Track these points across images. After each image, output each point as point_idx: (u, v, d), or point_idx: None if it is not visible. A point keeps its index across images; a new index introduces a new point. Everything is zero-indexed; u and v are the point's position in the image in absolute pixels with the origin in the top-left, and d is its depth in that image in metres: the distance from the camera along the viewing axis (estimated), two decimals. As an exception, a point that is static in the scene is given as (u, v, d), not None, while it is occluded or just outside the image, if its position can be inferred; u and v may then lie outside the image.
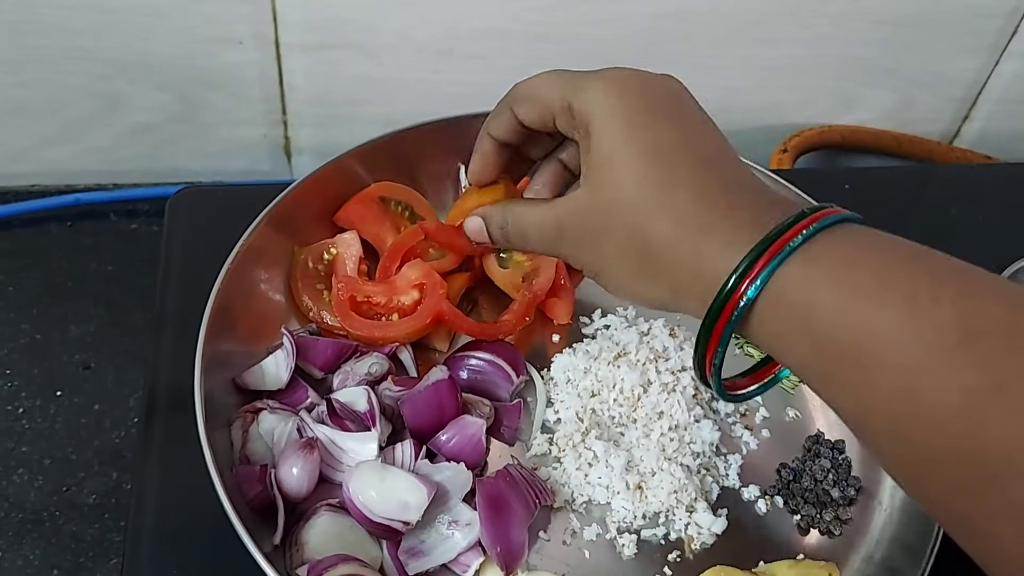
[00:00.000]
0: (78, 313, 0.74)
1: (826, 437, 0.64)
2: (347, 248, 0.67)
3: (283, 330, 0.60)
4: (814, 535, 0.60)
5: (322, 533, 0.53)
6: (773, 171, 0.74)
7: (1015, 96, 0.94)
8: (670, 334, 0.66)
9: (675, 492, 0.58)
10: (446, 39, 0.78)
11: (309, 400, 0.59)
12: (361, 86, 0.80)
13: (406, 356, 0.63)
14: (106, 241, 0.79)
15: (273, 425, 0.56)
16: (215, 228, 0.63)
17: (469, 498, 0.55)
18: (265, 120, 0.81)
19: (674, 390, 0.62)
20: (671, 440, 0.60)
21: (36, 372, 0.71)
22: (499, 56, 0.80)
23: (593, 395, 0.63)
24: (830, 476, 0.61)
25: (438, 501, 0.54)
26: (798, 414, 0.66)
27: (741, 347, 0.69)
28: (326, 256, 0.67)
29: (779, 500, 0.61)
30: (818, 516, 0.60)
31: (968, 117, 0.96)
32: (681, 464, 0.60)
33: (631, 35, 0.80)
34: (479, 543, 0.54)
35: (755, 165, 0.68)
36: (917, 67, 0.90)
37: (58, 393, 0.70)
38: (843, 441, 0.64)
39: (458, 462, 0.56)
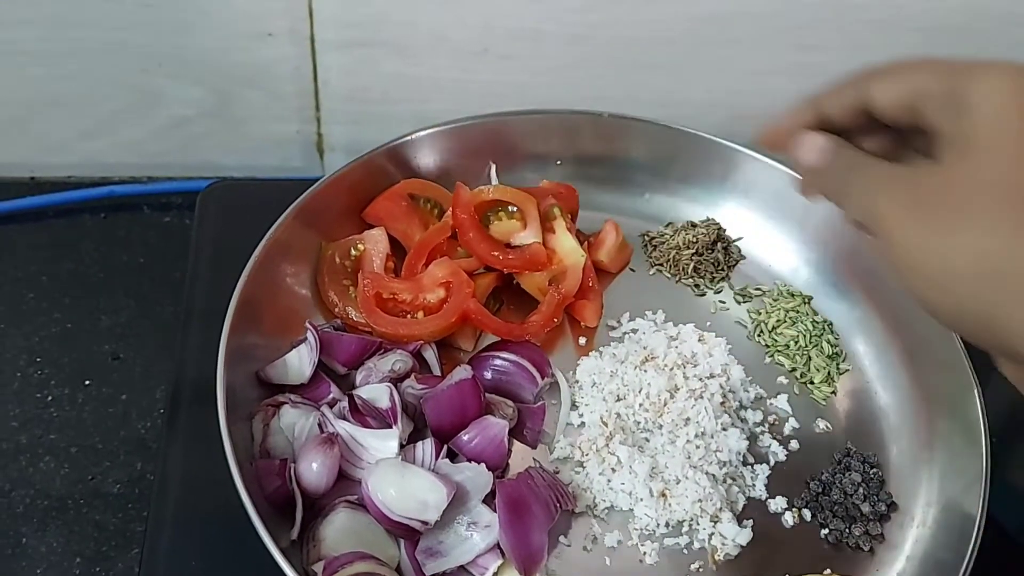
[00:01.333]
0: (109, 304, 0.75)
1: (857, 451, 0.62)
2: (375, 245, 0.67)
3: (307, 325, 0.59)
4: (843, 550, 0.58)
5: (339, 530, 0.52)
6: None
7: None
8: (699, 339, 0.65)
9: (700, 501, 0.57)
10: (481, 39, 0.77)
11: (331, 396, 0.58)
12: (395, 84, 0.80)
13: (430, 354, 0.63)
14: (138, 233, 0.80)
15: (294, 420, 0.56)
16: (245, 222, 0.63)
17: (489, 500, 0.54)
18: (298, 116, 0.81)
19: (701, 396, 0.61)
20: (697, 447, 0.59)
21: (66, 361, 0.71)
22: (533, 57, 0.79)
23: (619, 399, 0.62)
24: (860, 490, 0.60)
25: (458, 502, 0.54)
26: (829, 426, 0.64)
27: (772, 356, 0.68)
28: (353, 252, 0.67)
29: (807, 513, 0.60)
30: (847, 531, 0.58)
31: None
32: (707, 472, 0.59)
33: (667, 39, 0.79)
34: (497, 545, 0.53)
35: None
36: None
37: (87, 382, 0.70)
38: (875, 455, 0.62)
39: (479, 463, 0.56)
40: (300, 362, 0.59)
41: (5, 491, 0.64)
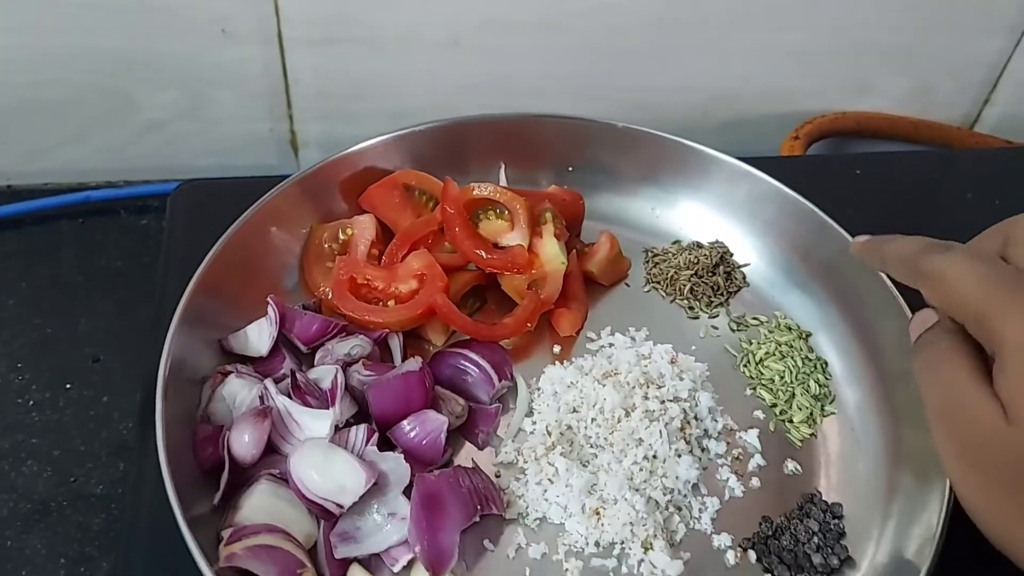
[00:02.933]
0: (88, 308, 0.75)
1: (822, 498, 0.59)
2: (362, 230, 0.67)
3: (269, 299, 0.60)
4: (784, 600, 0.55)
5: (258, 501, 0.53)
6: (783, 159, 0.70)
7: None
8: (670, 361, 0.63)
9: (631, 524, 0.55)
10: (451, 31, 0.77)
11: (282, 371, 0.59)
12: (366, 80, 0.80)
13: (395, 343, 0.63)
14: (115, 237, 0.80)
15: (237, 390, 0.57)
16: (215, 221, 0.63)
17: (410, 492, 0.54)
18: (271, 115, 0.82)
19: (658, 419, 0.59)
20: (641, 470, 0.57)
21: (46, 365, 0.71)
22: (505, 47, 0.78)
23: (573, 411, 0.60)
24: (815, 540, 0.56)
25: (378, 490, 0.54)
26: (799, 468, 0.61)
27: (754, 389, 0.65)
28: (341, 236, 0.68)
29: (752, 555, 0.56)
30: (791, 579, 0.55)
31: (988, 101, 0.92)
32: (648, 497, 0.56)
33: (643, 23, 0.77)
34: (412, 539, 0.53)
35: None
36: (934, 50, 0.86)
37: (67, 386, 0.70)
38: (840, 506, 0.58)
39: (415, 456, 0.55)
40: (259, 335, 0.60)
41: None
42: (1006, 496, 0.43)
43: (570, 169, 0.74)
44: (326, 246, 0.67)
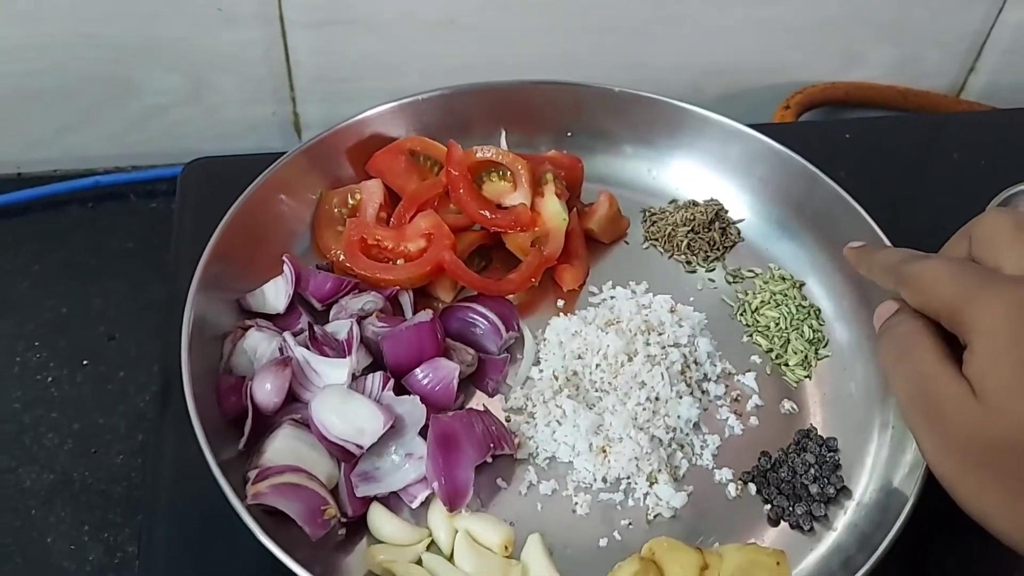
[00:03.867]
0: (101, 288, 0.77)
1: (817, 433, 0.61)
2: (370, 195, 0.70)
3: (284, 258, 0.63)
4: (783, 527, 0.58)
5: (281, 444, 0.55)
6: (775, 125, 0.73)
7: (1021, 46, 0.92)
8: (670, 310, 0.66)
9: (637, 459, 0.58)
10: (447, 10, 0.79)
11: (300, 326, 0.62)
12: (366, 60, 0.81)
13: (406, 300, 0.66)
14: (125, 221, 0.82)
15: (257, 342, 0.59)
16: (225, 196, 0.65)
17: (426, 434, 0.57)
18: (273, 98, 0.83)
19: (659, 363, 0.62)
20: (644, 410, 0.60)
21: (63, 344, 0.73)
22: (500, 25, 0.80)
23: (578, 357, 0.63)
24: (812, 471, 0.59)
25: (395, 432, 0.56)
26: (794, 407, 0.64)
27: (751, 336, 0.68)
28: (351, 200, 0.70)
29: (752, 487, 0.59)
30: (790, 508, 0.58)
31: (974, 69, 0.95)
32: (651, 435, 0.59)
33: (635, 1, 0.79)
34: (429, 477, 0.56)
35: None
36: (920, 20, 0.89)
37: (84, 363, 0.72)
38: (835, 439, 0.61)
39: (428, 402, 0.58)
40: (276, 293, 0.63)
41: (12, 468, 0.67)
42: (977, 469, 0.46)
43: (569, 134, 0.76)
44: (336, 211, 0.70)
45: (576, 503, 0.58)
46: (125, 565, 0.63)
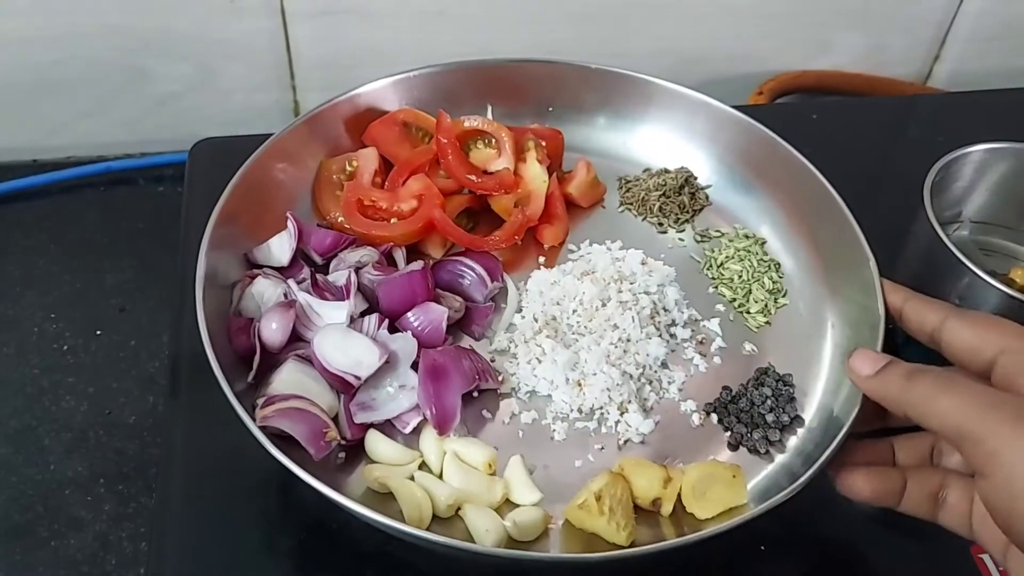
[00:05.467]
0: (113, 264, 0.83)
1: (775, 369, 0.67)
2: (365, 162, 0.76)
3: (288, 215, 0.69)
4: (741, 452, 0.64)
5: (287, 375, 0.61)
6: (747, 107, 0.78)
7: (982, 34, 0.97)
8: (641, 263, 0.72)
9: (609, 391, 0.64)
10: (437, 1, 0.83)
11: (302, 276, 0.68)
12: (362, 49, 0.86)
13: (399, 255, 0.71)
14: (135, 203, 0.88)
15: (264, 288, 0.65)
16: (231, 170, 0.69)
17: (417, 368, 0.62)
18: (276, 86, 0.88)
19: (631, 308, 0.68)
20: (616, 348, 0.66)
21: (78, 315, 0.79)
22: (488, 14, 0.85)
23: (557, 304, 0.69)
24: (768, 402, 0.65)
25: (390, 366, 0.62)
26: (755, 348, 0.69)
27: (716, 287, 0.74)
28: (348, 167, 0.76)
29: (714, 417, 0.65)
30: (748, 434, 0.64)
31: (938, 57, 1.00)
32: (623, 371, 0.65)
33: None
34: (419, 406, 0.61)
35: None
36: (887, 8, 0.95)
37: (98, 332, 0.78)
38: (791, 375, 0.67)
39: (420, 342, 0.64)
40: (280, 247, 0.68)
41: (32, 427, 0.72)
42: None
43: (550, 109, 0.82)
44: (334, 177, 0.76)
45: (554, 430, 0.64)
46: (138, 514, 0.69)
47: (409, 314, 0.65)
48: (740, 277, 0.73)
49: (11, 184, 0.88)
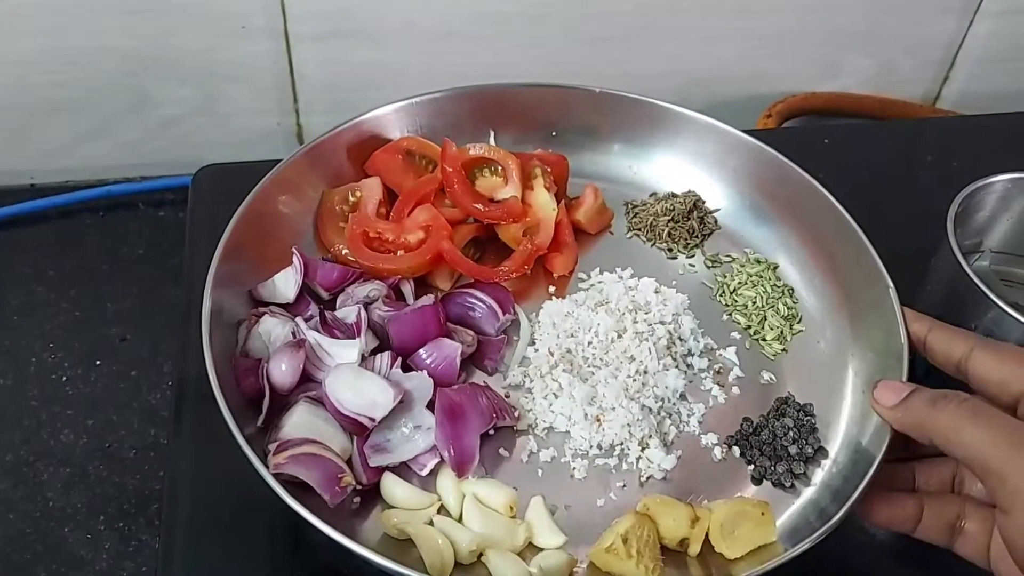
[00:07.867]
0: (113, 292, 0.81)
1: (795, 399, 0.66)
2: (370, 192, 0.74)
3: (294, 250, 0.67)
4: (766, 485, 0.62)
5: (298, 419, 0.59)
6: (757, 131, 0.78)
7: (992, 55, 0.97)
8: (655, 291, 0.70)
9: (629, 426, 0.62)
10: (446, 22, 0.82)
11: (310, 313, 0.66)
12: (367, 72, 0.85)
13: (407, 288, 0.70)
14: (136, 228, 0.86)
15: (271, 327, 0.63)
16: (234, 198, 0.68)
17: (433, 407, 0.61)
18: (279, 109, 0.87)
19: (647, 339, 0.66)
20: (635, 381, 0.64)
21: (77, 345, 0.77)
22: (497, 37, 0.84)
23: (571, 336, 0.67)
24: (791, 434, 0.64)
25: (404, 407, 0.60)
26: (773, 378, 0.68)
27: (730, 314, 0.72)
28: (351, 198, 0.74)
29: (736, 450, 0.64)
30: (771, 468, 0.62)
31: (948, 78, 1.00)
32: (641, 404, 0.63)
33: (623, 12, 0.84)
34: (436, 447, 0.59)
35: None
36: (895, 30, 0.94)
37: (97, 362, 0.76)
38: (811, 404, 0.66)
39: (433, 380, 0.62)
40: (286, 283, 0.66)
41: (29, 462, 0.70)
42: None
43: (554, 134, 0.81)
44: (338, 208, 0.74)
45: (574, 468, 0.62)
46: (139, 552, 0.67)
47: (421, 351, 0.63)
48: (754, 303, 0.72)
49: (9, 209, 0.86)
